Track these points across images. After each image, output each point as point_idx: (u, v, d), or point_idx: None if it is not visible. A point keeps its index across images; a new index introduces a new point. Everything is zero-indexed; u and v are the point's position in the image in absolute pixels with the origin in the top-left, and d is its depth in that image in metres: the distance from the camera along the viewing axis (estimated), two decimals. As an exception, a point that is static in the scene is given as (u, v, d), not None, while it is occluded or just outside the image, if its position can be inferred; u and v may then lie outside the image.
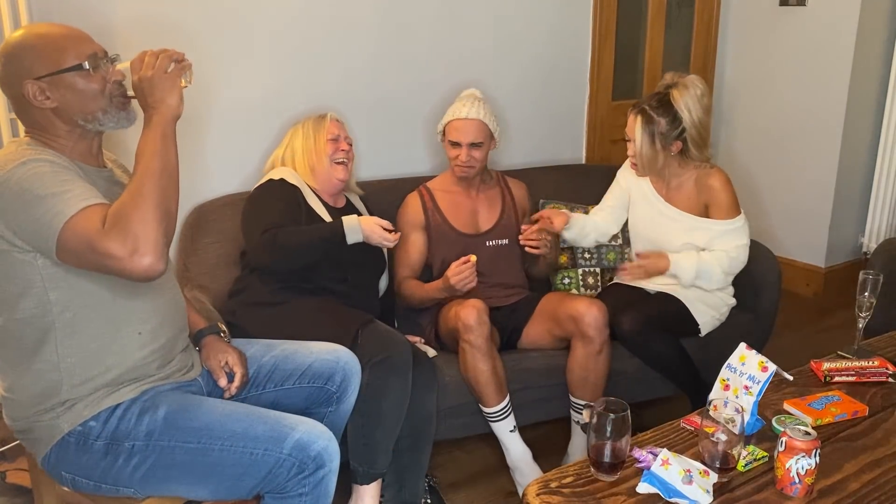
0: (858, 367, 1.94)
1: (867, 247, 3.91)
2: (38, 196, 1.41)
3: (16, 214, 1.42)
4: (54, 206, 1.40)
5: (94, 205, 1.43)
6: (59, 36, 1.56)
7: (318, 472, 1.57)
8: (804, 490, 1.44)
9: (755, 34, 3.97)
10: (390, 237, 2.18)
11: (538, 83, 3.41)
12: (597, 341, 2.30)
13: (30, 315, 1.51)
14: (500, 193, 2.71)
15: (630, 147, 2.53)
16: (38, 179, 1.43)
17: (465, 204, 2.63)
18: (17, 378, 1.57)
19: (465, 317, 2.22)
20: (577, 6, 3.46)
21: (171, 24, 2.52)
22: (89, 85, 1.55)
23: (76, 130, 1.57)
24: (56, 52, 1.54)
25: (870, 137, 3.86)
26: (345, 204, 2.47)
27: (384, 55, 2.98)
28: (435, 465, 2.37)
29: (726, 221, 2.53)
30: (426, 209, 2.61)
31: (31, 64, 1.52)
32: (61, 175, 1.46)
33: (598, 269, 2.84)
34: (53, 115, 1.55)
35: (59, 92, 1.53)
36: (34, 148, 1.51)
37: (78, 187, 1.45)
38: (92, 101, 1.56)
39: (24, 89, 1.52)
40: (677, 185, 2.59)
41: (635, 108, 2.50)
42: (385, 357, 2.00)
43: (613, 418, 1.45)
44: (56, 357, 1.53)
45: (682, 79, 2.48)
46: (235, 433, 1.55)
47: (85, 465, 1.55)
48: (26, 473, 2.25)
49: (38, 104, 1.53)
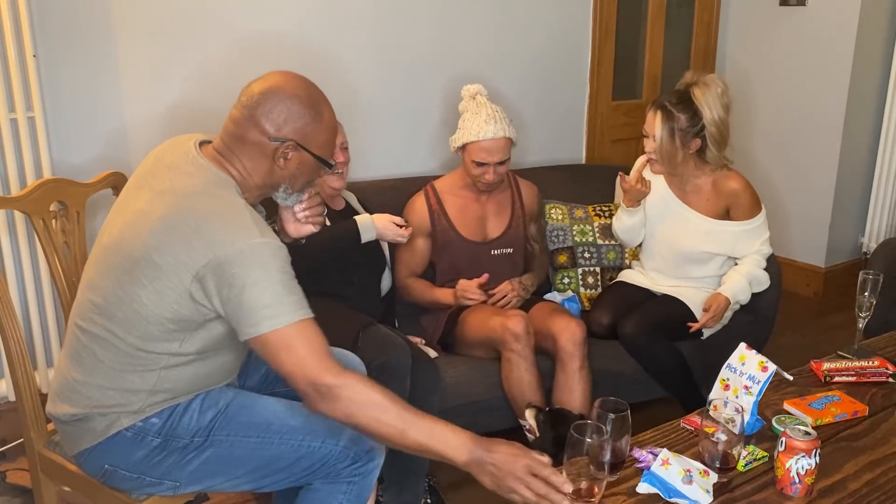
0: (858, 367, 1.94)
1: (867, 247, 3.91)
2: (262, 287, 1.40)
3: (240, 290, 1.40)
4: (272, 307, 1.40)
5: (307, 319, 1.44)
6: (334, 127, 1.61)
7: (369, 465, 1.62)
8: (804, 490, 1.44)
9: (755, 34, 3.97)
10: (403, 232, 2.23)
11: (538, 83, 3.41)
12: (577, 358, 2.30)
13: (153, 349, 1.50)
14: (510, 198, 2.66)
15: (648, 143, 2.51)
16: (267, 271, 1.42)
17: (474, 209, 2.58)
18: (101, 377, 1.53)
19: (514, 326, 2.23)
20: (577, 6, 3.47)
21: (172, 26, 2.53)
22: (314, 176, 1.62)
23: (263, 190, 1.60)
24: (331, 140, 1.61)
25: (870, 137, 3.86)
26: (344, 206, 2.47)
27: (385, 55, 2.98)
28: (435, 466, 2.36)
29: (749, 221, 2.54)
30: (432, 213, 2.56)
31: (313, 135, 1.55)
32: (286, 269, 1.45)
33: (598, 268, 2.84)
34: (267, 171, 1.55)
35: (295, 167, 1.56)
36: (260, 220, 1.48)
37: (296, 293, 1.46)
38: (302, 185, 1.63)
39: (278, 144, 1.52)
40: (694, 188, 2.58)
41: (655, 105, 2.49)
42: (384, 360, 2.01)
43: (613, 418, 1.45)
44: (154, 380, 1.53)
45: (702, 77, 2.48)
46: (294, 427, 1.58)
47: (136, 459, 1.55)
48: (26, 473, 2.25)
49: (273, 162, 1.54)
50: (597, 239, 2.87)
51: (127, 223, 1.50)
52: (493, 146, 2.42)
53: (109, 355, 1.52)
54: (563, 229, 2.87)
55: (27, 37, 2.29)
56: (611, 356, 2.47)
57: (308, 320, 1.44)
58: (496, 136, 2.41)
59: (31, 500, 2.05)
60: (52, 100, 2.41)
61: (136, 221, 1.48)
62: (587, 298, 2.80)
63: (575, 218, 2.89)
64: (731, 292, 2.51)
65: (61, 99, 2.42)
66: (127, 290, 1.47)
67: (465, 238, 2.55)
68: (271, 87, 1.54)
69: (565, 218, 2.90)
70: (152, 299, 1.45)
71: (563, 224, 2.89)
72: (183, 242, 1.42)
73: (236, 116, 1.55)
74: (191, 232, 1.42)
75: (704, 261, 2.59)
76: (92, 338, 1.53)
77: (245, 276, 1.39)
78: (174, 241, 1.42)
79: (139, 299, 1.46)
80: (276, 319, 1.40)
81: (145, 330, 1.48)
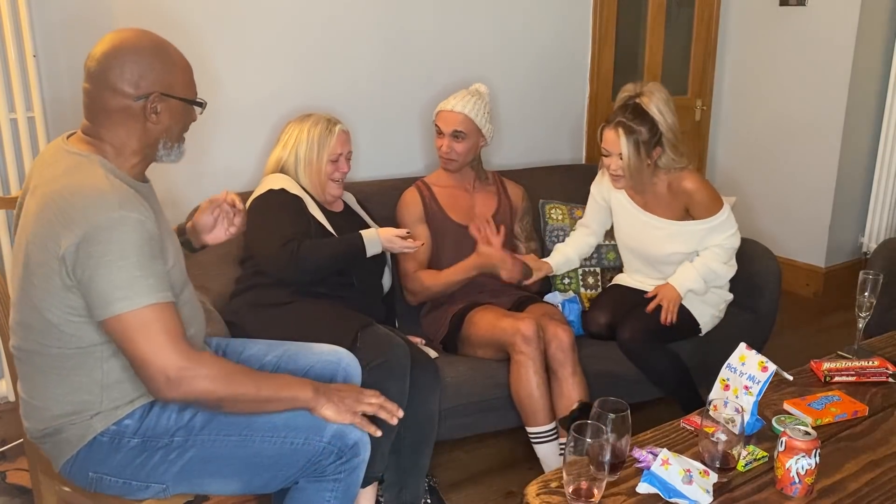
0: (858, 367, 1.94)
1: (867, 247, 3.91)
2: (117, 267, 1.40)
3: (93, 270, 1.39)
4: (124, 289, 1.40)
5: (164, 303, 1.44)
6: (187, 66, 1.58)
7: (354, 460, 1.62)
8: (804, 490, 1.44)
9: (755, 34, 3.97)
10: (411, 243, 2.23)
11: (538, 83, 3.41)
12: (568, 364, 2.30)
13: (79, 344, 1.49)
14: (496, 192, 2.74)
15: (610, 161, 2.50)
16: (122, 249, 1.40)
17: (463, 197, 2.67)
18: (48, 387, 1.53)
19: (525, 329, 2.24)
20: (577, 6, 3.47)
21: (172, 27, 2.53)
22: (188, 120, 1.60)
23: (143, 153, 1.56)
24: (190, 80, 1.58)
25: (870, 138, 3.86)
26: (342, 208, 2.47)
27: (385, 56, 2.98)
28: (435, 466, 2.36)
29: (711, 218, 2.53)
30: (424, 200, 2.63)
31: (172, 80, 1.53)
32: (145, 249, 1.43)
33: (598, 268, 2.84)
34: (142, 132, 1.53)
35: (167, 118, 1.54)
36: (122, 191, 1.46)
37: (155, 274, 1.44)
38: (179, 134, 1.59)
39: (144, 101, 1.50)
40: (653, 195, 2.59)
41: (611, 123, 2.47)
42: (383, 361, 2.01)
43: (613, 418, 1.45)
44: (100, 374, 1.51)
45: (643, 87, 2.50)
46: (276, 425, 1.57)
47: (117, 463, 1.54)
48: (26, 473, 2.25)
49: (144, 120, 1.51)
50: (597, 239, 2.87)
51: (20, 233, 1.52)
52: (450, 117, 2.57)
53: (47, 365, 1.51)
54: (562, 230, 2.88)
55: (27, 37, 2.29)
56: (610, 358, 2.47)
57: (163, 304, 1.43)
58: (454, 108, 2.56)
59: (31, 500, 2.05)
60: (52, 100, 2.41)
61: (23, 227, 1.50)
62: (587, 299, 2.80)
63: (575, 218, 2.89)
64: (681, 285, 2.50)
65: (61, 99, 2.42)
66: (30, 296, 1.47)
67: (456, 222, 2.61)
68: (112, 48, 1.50)
69: (565, 218, 2.90)
70: (47, 299, 1.45)
71: (563, 224, 2.89)
72: (49, 231, 1.42)
73: (89, 89, 1.52)
74: (53, 216, 1.42)
75: (678, 261, 2.59)
76: (27, 354, 1.53)
77: (101, 255, 1.38)
78: (43, 232, 1.43)
79: (39, 302, 1.46)
80: (130, 301, 1.39)
81: (59, 331, 1.47)
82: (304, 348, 1.89)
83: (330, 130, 2.33)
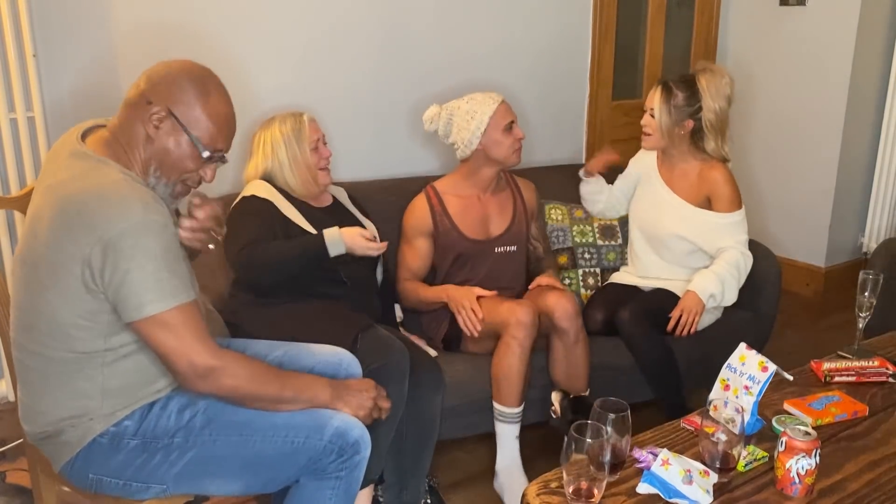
0: (858, 367, 1.94)
1: (867, 247, 3.91)
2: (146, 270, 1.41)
3: (123, 274, 1.41)
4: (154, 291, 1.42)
5: (189, 302, 1.47)
6: (223, 119, 1.57)
7: (355, 458, 1.62)
8: (804, 490, 1.44)
9: (755, 34, 3.97)
10: (375, 245, 2.16)
11: (538, 83, 3.41)
12: (571, 332, 2.30)
13: (84, 350, 1.49)
14: (511, 196, 2.64)
15: (646, 117, 2.60)
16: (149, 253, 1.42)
17: (476, 208, 2.56)
18: (49, 391, 1.53)
19: (523, 314, 2.23)
20: (577, 6, 3.47)
21: (172, 27, 2.53)
22: (190, 164, 1.55)
23: (144, 166, 1.56)
24: (215, 133, 1.55)
25: (870, 137, 3.86)
26: (331, 202, 2.44)
27: (385, 55, 2.98)
28: (435, 466, 2.36)
29: (727, 214, 2.54)
30: (434, 213, 2.54)
31: (193, 113, 1.52)
32: (170, 250, 1.45)
33: (598, 269, 2.84)
34: (145, 138, 1.53)
35: (165, 140, 1.52)
36: (142, 193, 1.47)
37: (180, 275, 1.46)
38: (172, 171, 1.55)
39: (151, 106, 1.50)
40: (681, 173, 2.63)
41: (659, 81, 2.60)
42: (382, 364, 2.00)
43: (613, 418, 1.45)
44: (101, 379, 1.51)
45: (712, 66, 2.59)
46: (276, 424, 1.58)
47: (117, 464, 1.54)
48: (26, 473, 2.25)
49: (144, 124, 1.51)
50: (597, 240, 2.87)
51: (27, 231, 1.52)
52: (506, 105, 2.51)
53: (49, 368, 1.51)
54: (563, 230, 2.87)
55: (27, 37, 2.29)
56: (608, 351, 2.47)
57: (190, 303, 1.47)
58: (497, 97, 2.50)
59: (31, 500, 2.05)
60: (52, 100, 2.41)
61: (33, 226, 1.49)
62: (587, 299, 2.80)
63: (575, 218, 2.89)
64: (698, 287, 2.48)
65: (61, 99, 2.42)
66: (39, 298, 1.47)
67: (468, 237, 2.53)
68: (170, 62, 1.56)
69: (565, 218, 2.90)
70: (59, 301, 1.45)
71: (563, 225, 2.89)
72: (68, 233, 1.42)
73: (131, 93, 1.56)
74: (73, 220, 1.42)
75: (680, 249, 2.60)
76: (29, 355, 1.53)
77: (129, 260, 1.40)
78: (61, 234, 1.43)
79: (50, 305, 1.46)
80: (160, 303, 1.42)
81: (67, 334, 1.47)
82: (304, 349, 1.89)
83: (299, 122, 2.32)
